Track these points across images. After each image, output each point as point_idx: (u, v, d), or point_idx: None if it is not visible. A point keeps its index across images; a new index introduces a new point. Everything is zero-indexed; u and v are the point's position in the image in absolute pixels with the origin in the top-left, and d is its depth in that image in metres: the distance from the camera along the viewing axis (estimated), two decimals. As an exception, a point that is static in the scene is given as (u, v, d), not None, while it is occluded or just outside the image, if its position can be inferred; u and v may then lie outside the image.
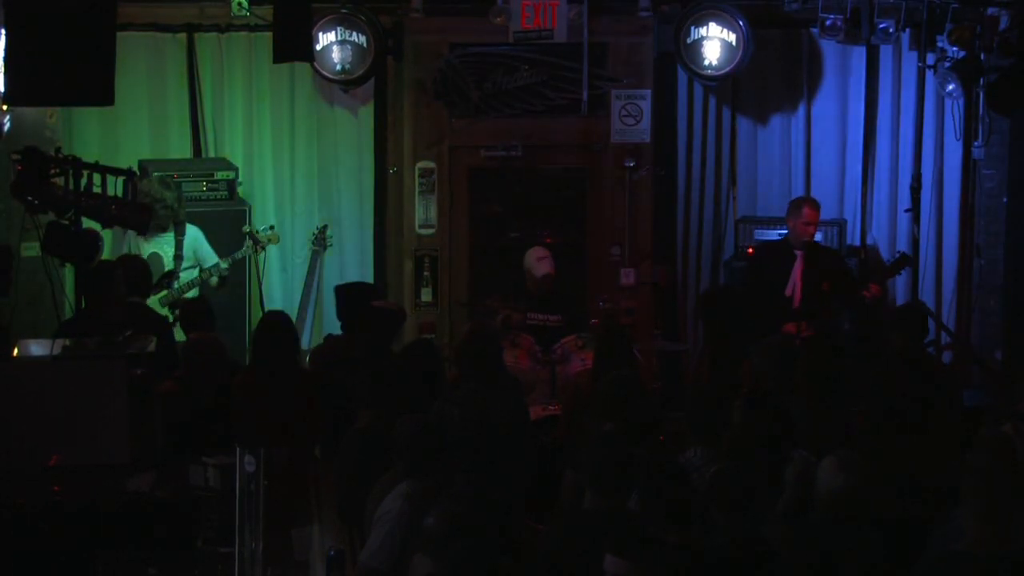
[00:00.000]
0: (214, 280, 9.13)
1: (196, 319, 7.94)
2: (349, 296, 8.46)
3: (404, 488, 5.78)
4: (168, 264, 9.01)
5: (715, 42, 9.90)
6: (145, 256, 8.92)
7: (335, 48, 9.70)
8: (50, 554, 5.71)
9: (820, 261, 9.27)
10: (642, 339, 9.63)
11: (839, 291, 9.22)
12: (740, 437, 5.87)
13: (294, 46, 8.03)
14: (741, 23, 9.81)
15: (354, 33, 9.73)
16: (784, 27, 10.44)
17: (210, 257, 9.19)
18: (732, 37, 9.84)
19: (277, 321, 7.77)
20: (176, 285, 8.98)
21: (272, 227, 9.46)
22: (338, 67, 9.74)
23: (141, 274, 8.40)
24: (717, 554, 5.06)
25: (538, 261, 9.23)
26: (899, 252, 9.79)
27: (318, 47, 9.46)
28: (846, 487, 5.23)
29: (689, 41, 10.05)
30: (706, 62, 9.98)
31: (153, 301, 8.66)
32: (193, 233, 9.18)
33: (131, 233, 8.88)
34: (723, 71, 9.94)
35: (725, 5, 9.86)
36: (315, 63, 9.45)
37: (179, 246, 9.05)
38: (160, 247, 9.03)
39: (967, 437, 5.70)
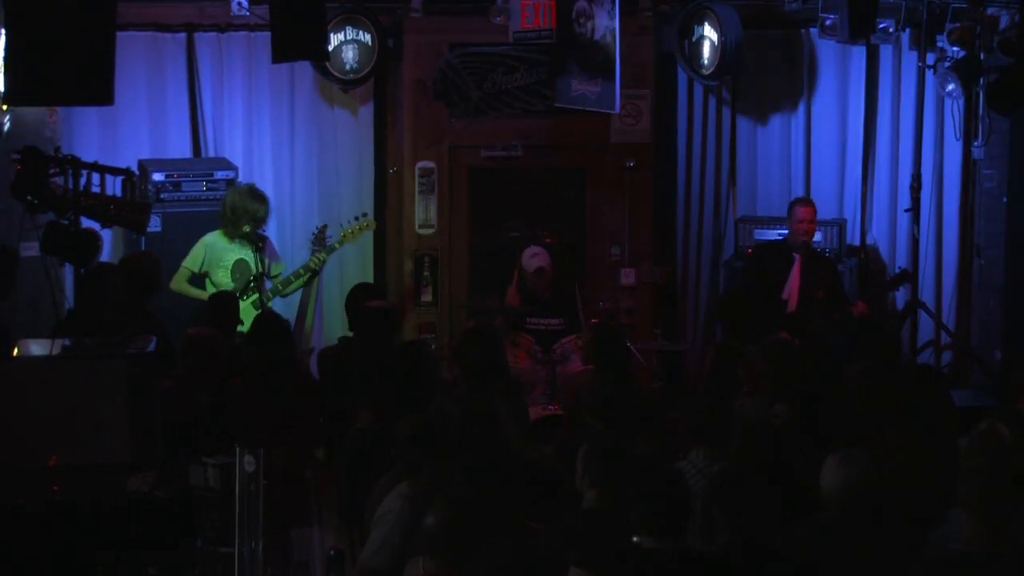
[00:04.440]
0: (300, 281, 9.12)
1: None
2: (354, 298, 8.49)
3: (404, 488, 5.77)
4: (254, 269, 8.97)
5: (707, 41, 9.91)
6: (231, 263, 8.92)
7: (344, 48, 9.71)
8: (50, 554, 5.70)
9: (816, 267, 9.29)
10: (642, 339, 9.64)
11: (831, 300, 9.24)
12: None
13: (301, 45, 8.00)
14: (724, 23, 9.77)
15: (360, 32, 9.75)
16: (784, 27, 10.45)
17: (278, 264, 9.21)
18: (715, 37, 9.85)
19: (271, 322, 7.79)
20: (269, 288, 9.01)
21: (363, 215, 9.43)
22: (347, 67, 9.75)
23: (147, 274, 8.39)
24: (719, 556, 5.06)
25: (531, 257, 9.25)
26: (900, 268, 9.83)
27: (329, 47, 9.43)
28: (846, 482, 5.23)
29: (687, 40, 10.08)
30: (701, 61, 10.01)
31: (246, 305, 8.66)
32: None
33: (217, 242, 8.94)
34: (711, 70, 9.96)
35: (716, 5, 9.85)
36: (326, 62, 9.46)
37: (259, 259, 8.88)
38: (246, 253, 8.97)
39: (965, 437, 5.70)
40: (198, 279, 9.05)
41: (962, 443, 5.26)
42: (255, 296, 8.83)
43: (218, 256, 8.98)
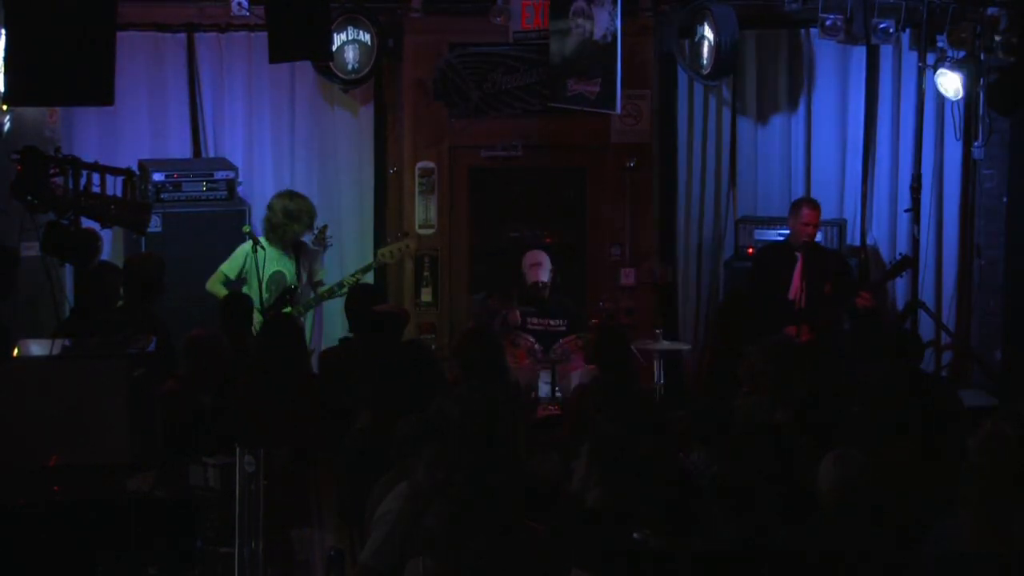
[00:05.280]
0: (339, 292, 9.14)
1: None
2: (354, 299, 8.50)
3: (404, 488, 5.78)
4: (291, 281, 8.97)
5: (706, 41, 9.91)
6: (269, 274, 8.93)
7: (345, 48, 9.71)
8: (50, 554, 5.70)
9: (820, 263, 9.30)
10: (642, 339, 9.64)
11: (840, 292, 9.25)
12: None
13: (302, 45, 7.98)
14: (720, 23, 9.76)
15: (360, 32, 9.75)
16: (784, 27, 10.44)
17: (319, 271, 9.24)
18: (713, 37, 9.85)
19: (281, 323, 7.79)
20: (300, 302, 9.03)
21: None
22: (349, 67, 9.75)
23: (148, 275, 8.39)
24: (719, 556, 5.06)
25: (530, 268, 9.24)
26: (900, 254, 9.82)
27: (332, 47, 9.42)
28: (842, 480, 5.23)
29: (687, 40, 10.09)
30: (701, 61, 10.02)
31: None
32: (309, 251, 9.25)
33: (253, 253, 8.92)
34: (710, 70, 9.96)
35: (714, 5, 9.85)
36: (328, 62, 9.45)
37: (298, 266, 9.03)
38: (284, 265, 9.01)
39: (966, 437, 5.70)
40: (233, 285, 9.05)
41: (972, 442, 5.26)
42: (288, 310, 8.82)
43: (257, 265, 8.99)
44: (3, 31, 6.99)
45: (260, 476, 5.28)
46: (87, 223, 7.03)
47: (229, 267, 9.08)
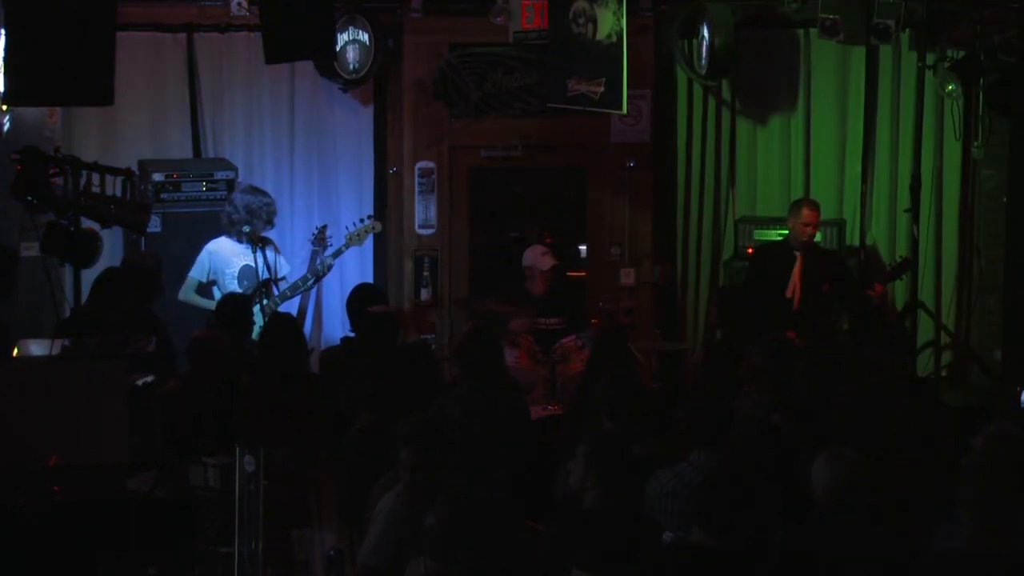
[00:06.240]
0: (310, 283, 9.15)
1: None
2: (355, 298, 8.50)
3: (399, 487, 5.78)
4: (260, 275, 8.94)
5: (705, 42, 9.92)
6: (238, 269, 8.92)
7: (347, 48, 9.70)
8: (50, 554, 5.70)
9: (819, 263, 9.30)
10: (642, 339, 9.64)
11: (839, 293, 9.26)
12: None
13: (302, 45, 7.97)
14: (717, 23, 9.75)
15: (360, 32, 9.75)
16: (784, 27, 10.45)
17: (282, 267, 9.21)
18: (710, 36, 9.84)
19: (284, 323, 7.79)
20: (276, 294, 9.01)
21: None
22: (350, 67, 9.75)
23: (147, 275, 8.40)
24: (718, 555, 5.07)
25: (542, 256, 9.26)
26: (900, 257, 9.83)
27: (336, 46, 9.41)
28: (836, 479, 5.23)
29: (686, 40, 10.09)
30: (700, 61, 10.02)
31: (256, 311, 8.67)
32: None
33: (221, 249, 8.91)
34: (706, 70, 9.96)
35: (712, 5, 9.84)
36: (333, 61, 9.45)
37: (265, 260, 8.95)
38: (251, 258, 8.96)
39: (964, 437, 5.71)
40: (205, 288, 9.03)
41: (975, 442, 5.27)
42: (264, 302, 8.82)
43: (223, 263, 8.98)
44: (3, 31, 6.99)
45: (260, 476, 5.28)
46: (87, 223, 7.04)
47: (198, 271, 9.05)
